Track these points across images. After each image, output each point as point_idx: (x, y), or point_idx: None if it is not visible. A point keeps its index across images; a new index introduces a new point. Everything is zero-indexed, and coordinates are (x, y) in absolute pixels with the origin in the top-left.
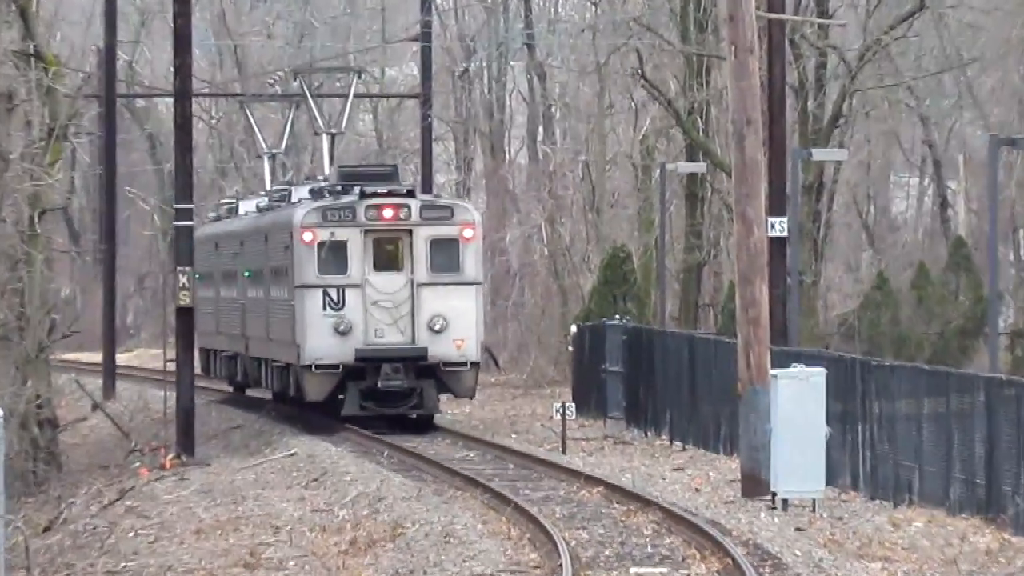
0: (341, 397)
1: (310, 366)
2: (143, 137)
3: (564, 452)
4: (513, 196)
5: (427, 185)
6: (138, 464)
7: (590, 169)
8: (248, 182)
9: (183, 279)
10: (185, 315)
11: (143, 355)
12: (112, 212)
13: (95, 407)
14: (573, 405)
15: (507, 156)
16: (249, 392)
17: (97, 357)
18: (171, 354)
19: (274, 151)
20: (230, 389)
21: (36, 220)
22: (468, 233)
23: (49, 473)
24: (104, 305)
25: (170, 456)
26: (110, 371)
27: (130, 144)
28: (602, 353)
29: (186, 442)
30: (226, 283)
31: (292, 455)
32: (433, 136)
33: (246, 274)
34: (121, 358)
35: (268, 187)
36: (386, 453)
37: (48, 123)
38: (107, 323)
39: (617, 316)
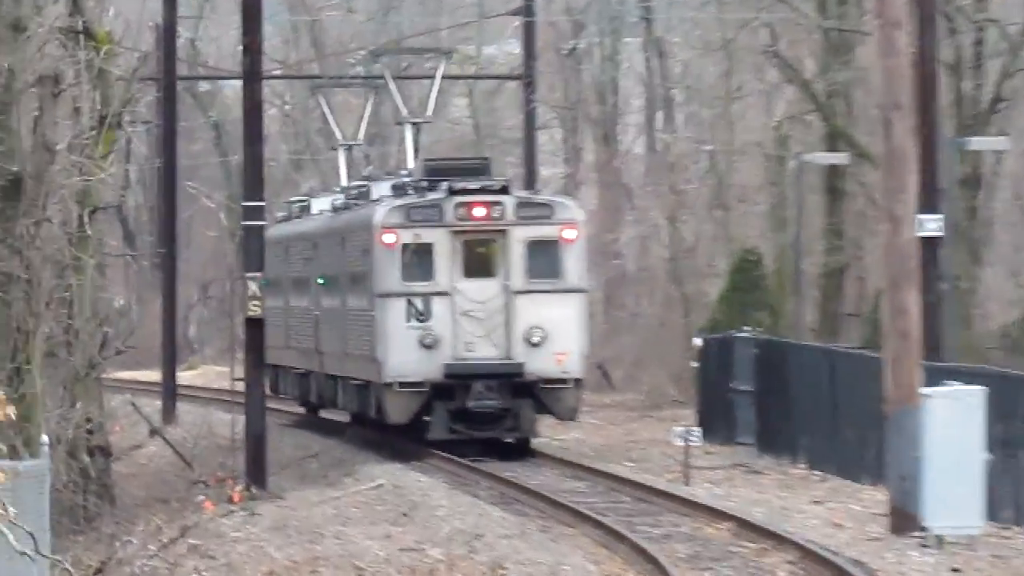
0: (427, 419)
1: (392, 384)
2: (207, 125)
3: (687, 483)
4: (628, 191)
5: (530, 179)
6: (202, 497)
7: (716, 160)
8: (326, 176)
9: (253, 287)
10: (255, 328)
11: (207, 373)
12: (172, 210)
13: (153, 432)
14: (697, 429)
15: (621, 146)
16: (323, 414)
17: (155, 376)
18: (239, 372)
19: (351, 142)
20: (301, 410)
21: (86, 220)
22: (570, 234)
23: (101, 508)
24: (163, 316)
25: (238, 488)
26: (170, 391)
27: (192, 133)
28: (730, 370)
29: (256, 472)
30: (297, 292)
31: (377, 487)
32: (537, 123)
33: (320, 281)
34: (182, 376)
35: (344, 183)
36: (483, 484)
37: (99, 109)
38: (167, 337)
39: (747, 327)
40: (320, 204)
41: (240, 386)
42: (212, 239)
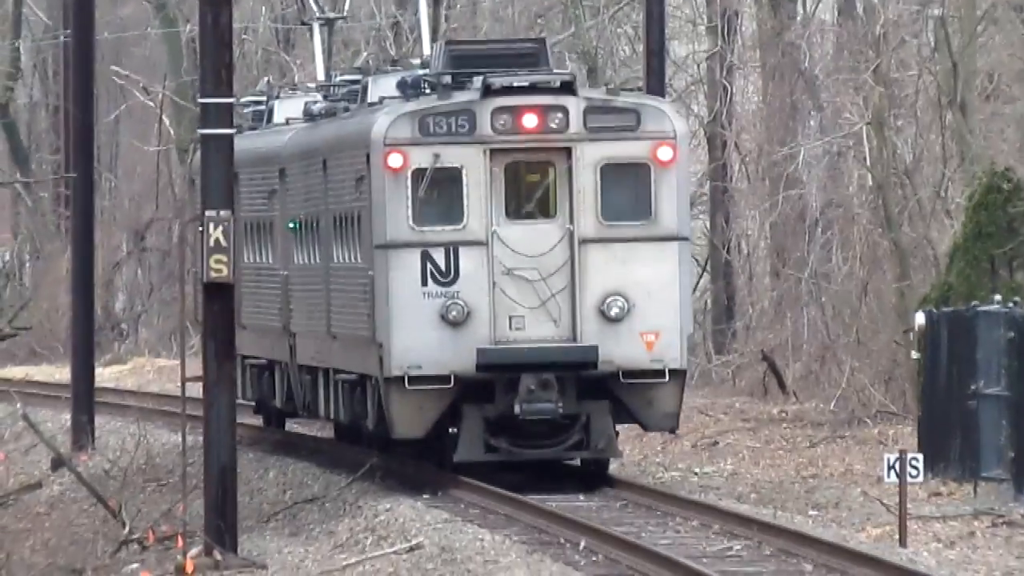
0: (453, 431)
1: (401, 379)
2: None
3: (903, 542)
4: (809, 82)
5: (656, 60)
6: (136, 566)
7: (947, 32)
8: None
9: (217, 233)
10: (219, 298)
11: (144, 369)
12: (88, 113)
13: (58, 464)
14: (919, 456)
15: (801, 10)
16: (293, 425)
17: (62, 374)
18: (193, 368)
19: (331, 14)
20: (259, 420)
21: None
22: (666, 154)
23: None
24: (74, 281)
25: (193, 551)
26: (85, 399)
27: None
28: (971, 362)
29: (222, 525)
30: (252, 242)
31: (413, 548)
32: None
33: (290, 226)
34: (105, 375)
35: (321, 76)
36: (583, 544)
37: None
38: (80, 313)
39: (998, 297)
40: (287, 109)
41: (195, 389)
42: (150, 157)
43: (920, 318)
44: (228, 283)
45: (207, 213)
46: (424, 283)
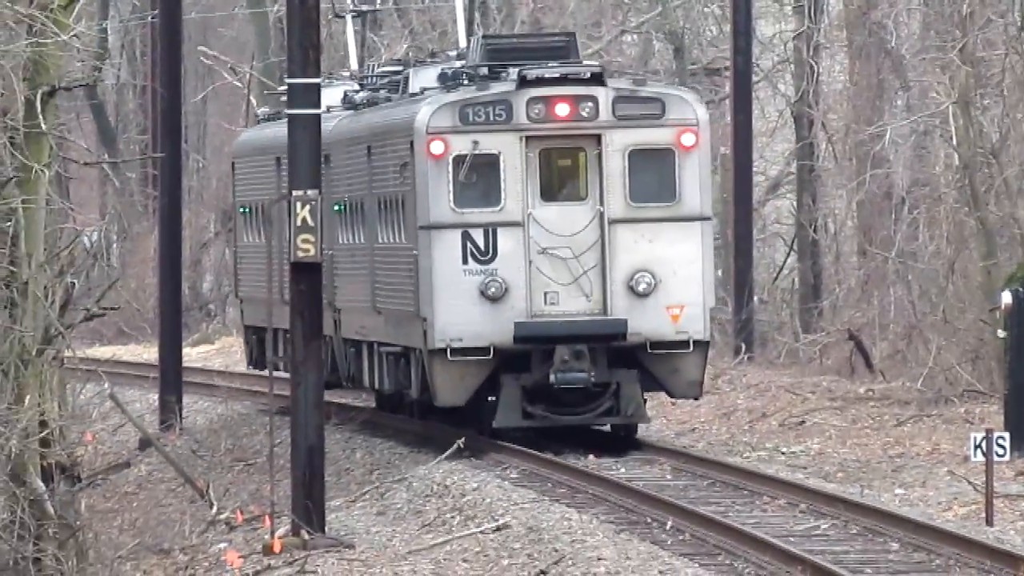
0: (492, 399)
1: (443, 350)
2: None
3: (989, 522)
4: (897, 60)
5: (743, 40)
6: (223, 545)
7: None
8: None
9: (303, 212)
10: (307, 278)
11: (230, 349)
12: (176, 93)
13: (146, 444)
14: (1006, 435)
15: None
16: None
17: (150, 353)
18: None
19: (364, 5)
20: (348, 399)
21: (39, 107)
22: (689, 140)
23: (64, 563)
24: (161, 261)
25: (280, 531)
26: (173, 379)
27: None
28: None
29: (310, 505)
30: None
31: (500, 528)
32: None
33: (335, 209)
34: (192, 355)
35: (354, 65)
36: (670, 523)
37: None
38: (167, 293)
39: None
40: (327, 98)
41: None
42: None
43: (1006, 297)
44: (315, 262)
45: (294, 193)
46: (465, 261)
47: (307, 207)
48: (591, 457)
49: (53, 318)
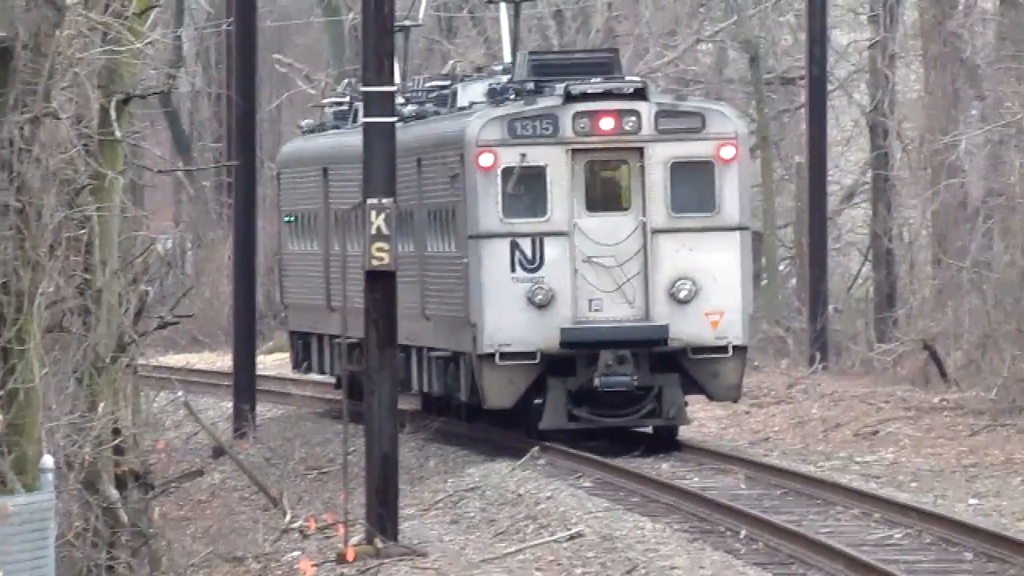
0: (538, 401)
1: (492, 355)
2: None
3: None
4: (973, 70)
5: (818, 49)
6: (297, 553)
7: None
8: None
9: (378, 220)
10: (381, 287)
11: None
12: (251, 100)
13: (219, 451)
14: None
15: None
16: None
17: (224, 361)
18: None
19: (408, 22)
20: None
21: (113, 115)
22: (728, 152)
23: (138, 571)
24: (235, 269)
25: (354, 539)
26: (246, 387)
27: None
28: None
29: (384, 514)
30: (344, 232)
31: (573, 537)
32: None
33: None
34: (266, 363)
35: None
36: (744, 532)
37: None
38: (241, 301)
39: None
40: None
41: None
42: None
43: None
44: (390, 271)
45: (369, 201)
46: (513, 270)
47: (382, 215)
48: (664, 466)
49: (127, 326)
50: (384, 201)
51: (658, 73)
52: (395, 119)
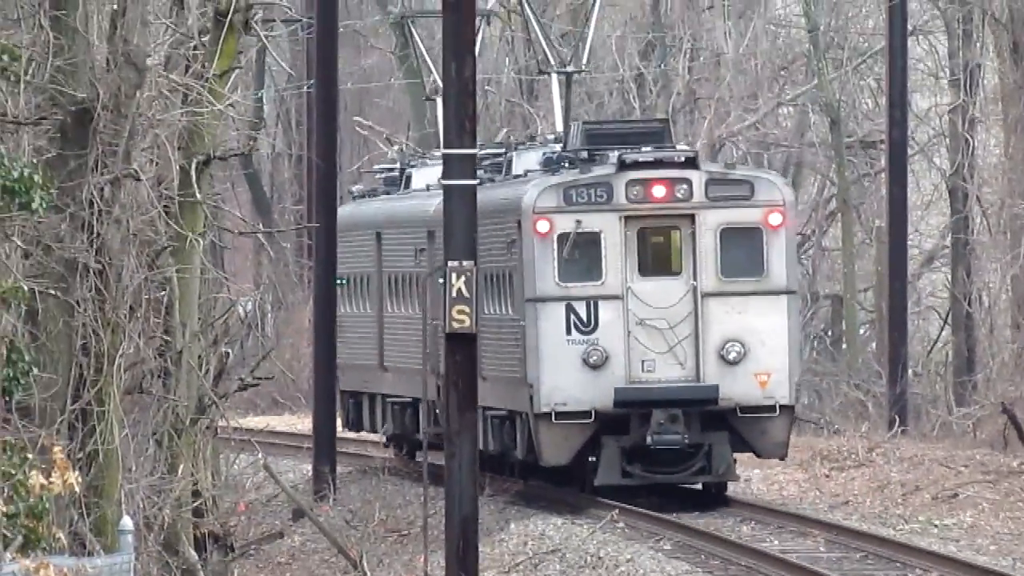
0: (592, 459)
1: (548, 414)
2: (387, 26)
3: None
4: None
5: (899, 112)
6: None
7: None
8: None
9: (459, 283)
10: (461, 348)
11: None
12: (331, 162)
13: (299, 514)
14: None
15: None
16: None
17: (304, 423)
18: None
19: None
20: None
21: (194, 176)
22: (776, 219)
23: None
24: (316, 330)
25: None
26: (327, 449)
27: (364, 39)
28: None
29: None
30: (396, 295)
31: None
32: (910, 25)
33: (440, 282)
34: None
35: (559, 127)
36: None
37: (215, 3)
38: (322, 363)
39: None
40: (425, 177)
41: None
42: None
43: None
44: (470, 333)
45: (450, 263)
46: (568, 332)
47: (463, 277)
48: (744, 529)
49: (207, 387)
50: (465, 264)
51: (739, 136)
52: (476, 181)
